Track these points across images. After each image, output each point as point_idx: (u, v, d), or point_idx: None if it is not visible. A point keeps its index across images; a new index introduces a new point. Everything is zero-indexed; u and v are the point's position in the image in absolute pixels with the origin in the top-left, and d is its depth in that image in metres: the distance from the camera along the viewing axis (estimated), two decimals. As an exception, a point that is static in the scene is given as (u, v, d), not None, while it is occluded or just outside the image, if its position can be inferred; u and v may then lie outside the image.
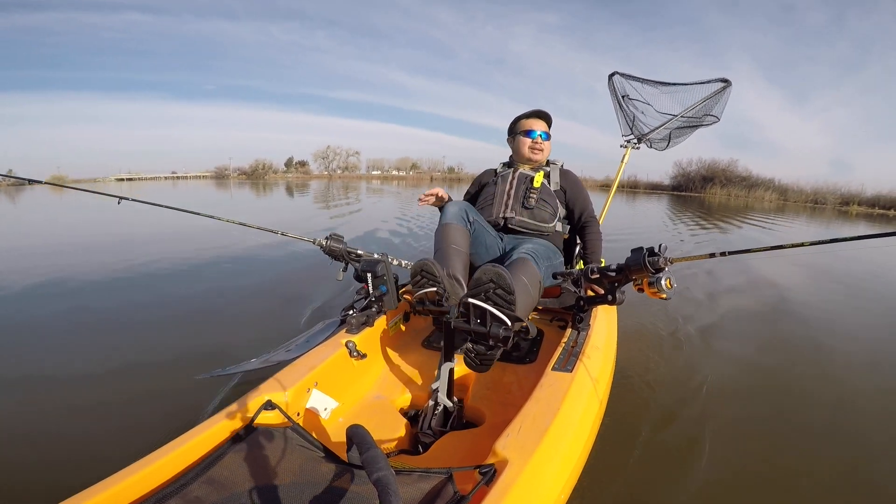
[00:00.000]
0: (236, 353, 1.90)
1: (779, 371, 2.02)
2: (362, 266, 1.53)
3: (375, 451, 0.65)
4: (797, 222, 11.07)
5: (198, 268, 4.07)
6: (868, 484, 1.30)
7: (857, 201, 19.34)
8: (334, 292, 3.07)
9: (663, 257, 1.10)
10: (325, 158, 45.78)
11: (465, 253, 1.58)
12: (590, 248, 1.77)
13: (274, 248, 4.82)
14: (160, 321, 2.67)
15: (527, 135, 1.84)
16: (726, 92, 2.39)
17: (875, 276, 4.15)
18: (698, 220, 10.02)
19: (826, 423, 1.60)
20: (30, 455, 1.41)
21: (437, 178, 43.40)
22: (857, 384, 1.92)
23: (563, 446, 0.90)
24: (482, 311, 1.06)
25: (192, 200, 8.74)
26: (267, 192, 18.83)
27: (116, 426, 1.57)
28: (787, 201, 21.17)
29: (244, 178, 38.28)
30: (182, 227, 6.07)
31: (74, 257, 4.59)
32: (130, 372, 1.96)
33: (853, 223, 11.99)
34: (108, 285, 3.48)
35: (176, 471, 0.83)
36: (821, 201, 20.36)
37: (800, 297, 3.28)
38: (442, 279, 1.28)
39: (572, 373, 1.11)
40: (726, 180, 24.59)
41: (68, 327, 2.57)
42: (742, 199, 21.66)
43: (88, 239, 5.96)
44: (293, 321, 2.55)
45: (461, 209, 1.64)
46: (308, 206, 12.08)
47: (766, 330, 2.57)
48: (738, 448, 1.43)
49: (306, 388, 1.13)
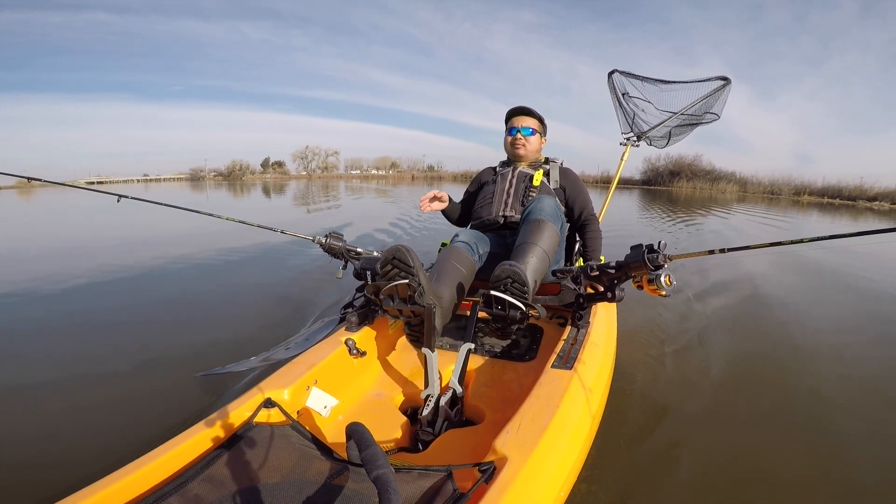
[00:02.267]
0: (236, 351, 1.90)
1: (785, 365, 2.02)
2: (362, 264, 1.53)
3: (375, 448, 0.65)
4: (756, 210, 11.82)
5: (196, 267, 4.07)
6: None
7: (808, 191, 21.23)
8: (333, 290, 3.07)
9: (662, 254, 1.10)
10: (303, 158, 45.47)
11: (465, 276, 1.43)
12: (590, 245, 1.77)
13: (272, 246, 4.81)
14: (159, 320, 2.66)
15: (509, 132, 1.86)
16: (726, 90, 2.39)
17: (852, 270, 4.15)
18: (667, 213, 10.11)
19: (836, 419, 1.60)
20: (27, 454, 1.41)
21: (418, 176, 42.88)
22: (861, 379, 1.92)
23: (563, 444, 0.90)
24: (502, 300, 1.20)
25: (154, 207, 8.53)
26: (244, 192, 18.63)
27: (115, 424, 1.57)
28: (747, 193, 22.56)
29: (221, 180, 36.85)
30: (178, 227, 6.07)
31: (71, 259, 4.59)
32: (129, 370, 1.95)
33: (805, 211, 13.02)
34: (106, 286, 3.47)
35: (175, 469, 0.83)
36: (776, 192, 22.09)
37: (792, 290, 3.29)
38: (416, 271, 1.14)
39: (572, 370, 1.11)
40: (692, 174, 25.95)
41: (67, 328, 2.56)
42: (706, 191, 23.01)
43: (82, 241, 5.95)
44: (292, 319, 2.55)
45: (472, 238, 1.56)
46: (295, 207, 11.77)
47: (765, 327, 2.57)
48: (738, 446, 1.43)
49: (306, 386, 1.13)
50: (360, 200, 12.64)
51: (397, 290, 1.17)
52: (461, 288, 1.39)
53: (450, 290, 1.33)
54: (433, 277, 1.35)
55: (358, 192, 16.36)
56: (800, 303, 3.06)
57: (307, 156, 45.20)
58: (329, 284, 3.20)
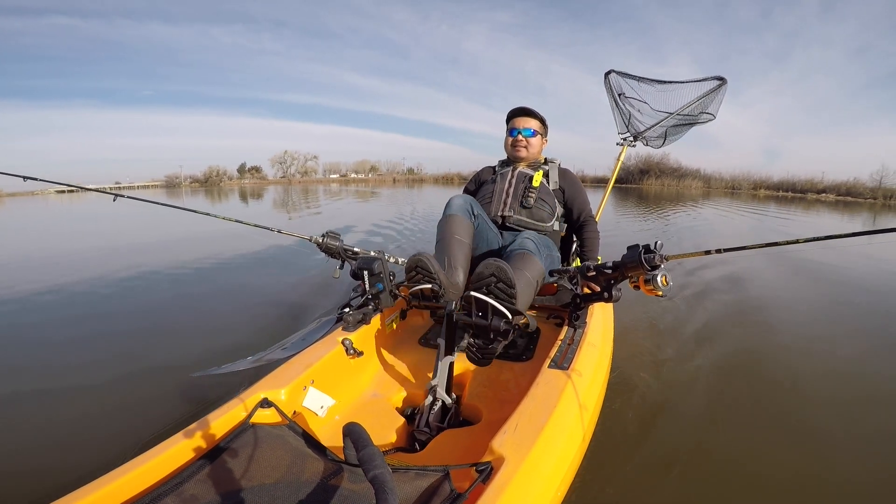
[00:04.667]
0: (232, 351, 1.89)
1: (782, 367, 2.03)
2: (359, 263, 1.53)
3: (372, 448, 0.65)
4: (721, 205, 12.63)
5: (193, 268, 4.06)
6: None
7: (765, 186, 23.72)
8: (331, 290, 3.06)
9: (659, 254, 1.10)
10: (282, 163, 45.58)
11: (468, 245, 1.56)
12: (587, 246, 1.78)
13: (268, 246, 4.80)
14: (156, 321, 2.66)
15: (510, 133, 1.85)
16: (722, 90, 2.40)
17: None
18: (639, 211, 10.19)
19: (834, 418, 1.61)
20: (27, 453, 1.41)
21: (399, 179, 42.58)
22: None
23: (560, 443, 0.90)
24: (484, 304, 1.09)
25: (146, 211, 8.37)
26: (223, 199, 18.27)
27: (112, 424, 1.56)
28: (711, 188, 24.58)
29: (198, 186, 35.82)
30: (170, 230, 6.04)
31: (64, 266, 4.56)
32: (126, 371, 1.95)
33: (763, 203, 14.23)
34: (104, 287, 3.46)
35: (171, 469, 0.83)
36: (737, 187, 24.39)
37: (795, 292, 3.30)
38: (437, 275, 1.27)
39: (568, 370, 1.11)
40: (660, 172, 27.37)
41: (66, 329, 2.56)
42: (673, 188, 24.59)
43: (73, 250, 5.91)
44: (289, 319, 2.55)
45: (466, 202, 1.64)
46: (282, 212, 11.25)
47: (764, 323, 2.58)
48: (736, 444, 1.44)
49: (302, 386, 1.12)
50: (360, 202, 12.57)
51: (422, 292, 1.30)
52: (468, 258, 1.53)
53: (463, 271, 1.47)
54: (441, 257, 1.47)
55: (354, 196, 16.27)
56: (801, 298, 3.08)
57: (286, 161, 45.35)
58: (326, 284, 3.19)
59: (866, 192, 19.59)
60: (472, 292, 1.10)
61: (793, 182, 22.79)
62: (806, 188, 21.75)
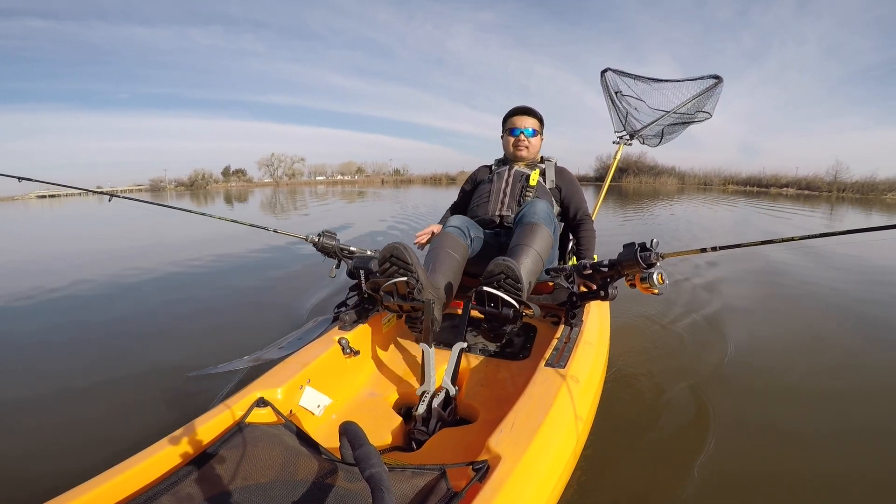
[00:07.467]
0: (229, 350, 1.88)
1: (777, 365, 2.04)
2: (355, 263, 1.52)
3: (368, 447, 0.65)
4: (695, 201, 13.25)
5: (190, 268, 4.04)
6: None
7: (734, 181, 25.79)
8: (327, 289, 3.05)
9: (655, 252, 1.10)
10: (269, 166, 45.34)
11: (458, 262, 1.48)
12: (583, 244, 1.78)
13: (265, 246, 4.78)
14: (153, 321, 2.65)
15: (511, 132, 1.84)
16: (718, 88, 2.41)
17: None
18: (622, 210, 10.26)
19: (827, 419, 1.61)
20: (26, 454, 1.41)
21: (387, 180, 42.27)
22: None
23: (556, 442, 0.90)
24: (495, 297, 1.21)
25: (138, 213, 8.26)
26: (211, 202, 18.05)
27: (108, 423, 1.56)
28: (685, 185, 26.25)
29: (183, 190, 34.97)
30: (167, 230, 6.01)
31: (60, 269, 4.53)
32: (122, 373, 1.94)
33: (732, 197, 15.39)
34: (101, 287, 3.44)
35: (167, 468, 0.82)
36: (709, 183, 26.33)
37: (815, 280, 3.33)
38: (415, 266, 1.19)
39: (565, 369, 1.11)
40: (638, 170, 28.79)
41: (61, 332, 2.55)
42: (650, 185, 26.05)
43: (67, 252, 5.88)
44: (285, 319, 2.53)
45: (463, 223, 1.59)
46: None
47: (763, 322, 2.59)
48: (735, 445, 1.43)
49: (299, 386, 1.12)
50: (353, 202, 12.54)
51: (396, 287, 1.22)
52: (457, 275, 1.46)
53: (446, 279, 1.39)
54: (428, 267, 1.40)
55: (341, 196, 16.15)
56: (799, 298, 3.10)
57: (273, 163, 45.18)
58: (322, 283, 3.18)
59: (824, 185, 21.61)
60: (485, 287, 1.21)
61: (759, 178, 25.08)
62: (770, 183, 23.76)
